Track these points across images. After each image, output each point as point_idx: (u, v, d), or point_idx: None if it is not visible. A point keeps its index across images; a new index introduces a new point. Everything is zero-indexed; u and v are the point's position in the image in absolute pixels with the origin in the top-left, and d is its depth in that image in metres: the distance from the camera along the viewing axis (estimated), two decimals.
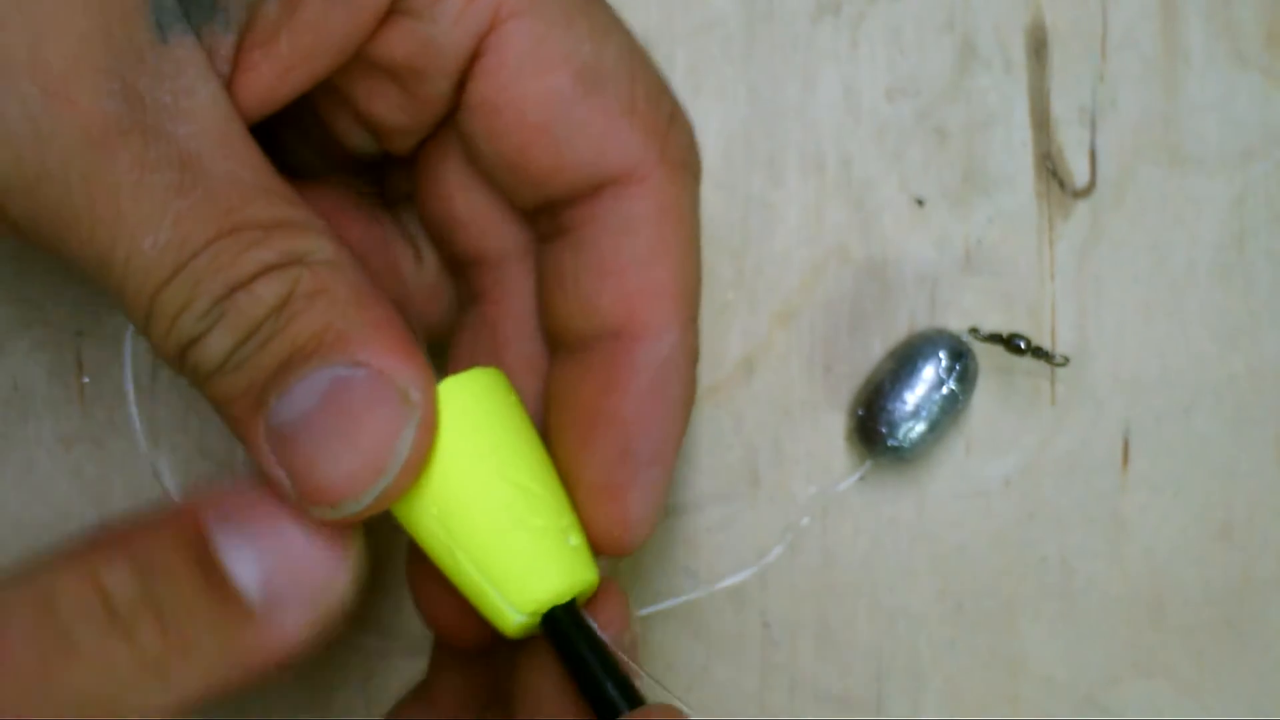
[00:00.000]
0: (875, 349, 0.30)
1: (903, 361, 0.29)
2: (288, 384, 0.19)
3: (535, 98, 0.21)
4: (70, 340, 0.29)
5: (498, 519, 0.21)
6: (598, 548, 0.23)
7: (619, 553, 0.23)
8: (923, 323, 0.30)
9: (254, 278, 0.19)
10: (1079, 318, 0.30)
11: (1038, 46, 0.29)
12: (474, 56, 0.21)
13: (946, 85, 0.29)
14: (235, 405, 0.20)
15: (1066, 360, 0.29)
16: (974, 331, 0.29)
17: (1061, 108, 0.29)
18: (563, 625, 0.22)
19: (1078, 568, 0.31)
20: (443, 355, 0.26)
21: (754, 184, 0.29)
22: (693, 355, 0.22)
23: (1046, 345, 0.30)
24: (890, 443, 0.29)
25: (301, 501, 0.20)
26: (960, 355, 0.28)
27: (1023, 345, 0.29)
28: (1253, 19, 0.29)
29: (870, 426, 0.29)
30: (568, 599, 0.22)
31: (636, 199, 0.21)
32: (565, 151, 0.21)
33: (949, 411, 0.29)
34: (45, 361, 0.29)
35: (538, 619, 0.22)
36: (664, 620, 0.30)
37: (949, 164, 0.29)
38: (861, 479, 0.30)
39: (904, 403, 0.28)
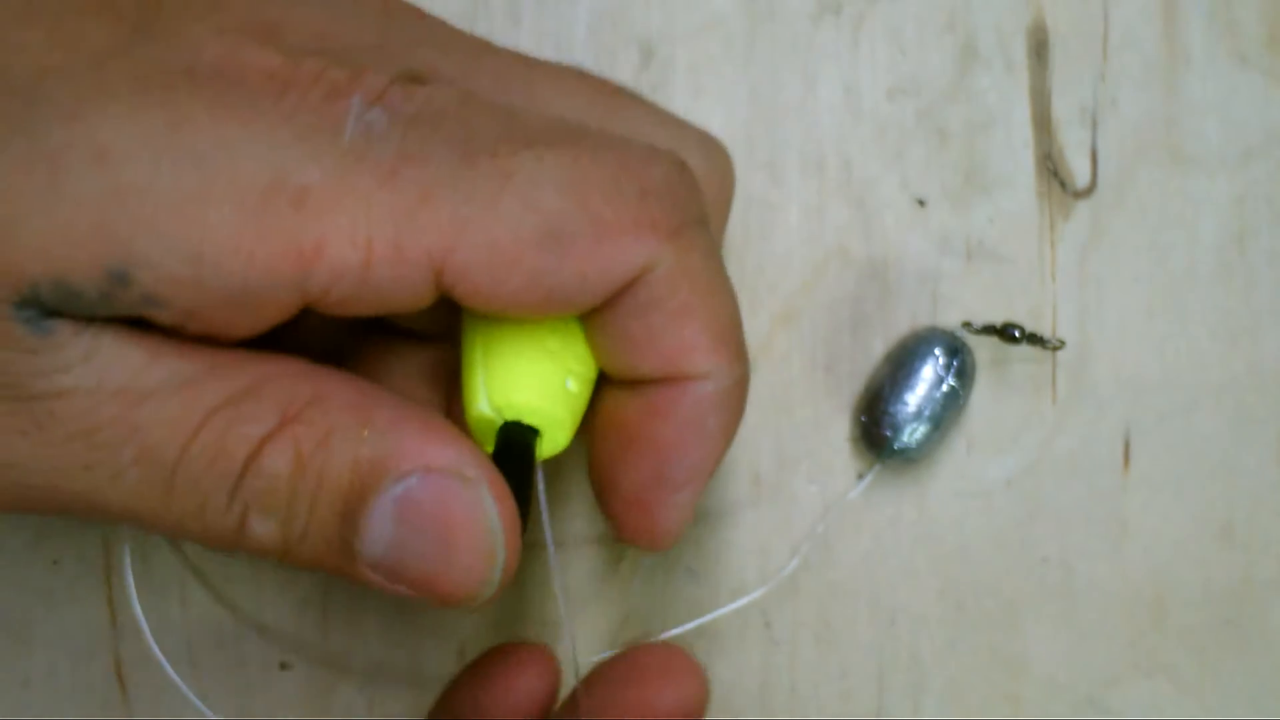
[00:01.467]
0: (876, 349, 0.30)
1: (900, 363, 0.29)
2: (358, 530, 0.20)
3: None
4: None
5: (522, 323, 0.22)
6: (629, 541, 0.24)
7: (648, 550, 0.24)
8: (924, 322, 0.30)
9: (252, 458, 0.20)
10: (1080, 318, 0.30)
11: (1039, 47, 0.29)
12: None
13: (947, 85, 0.29)
14: (325, 565, 0.21)
15: (1063, 343, 0.29)
16: (968, 325, 0.29)
17: (1062, 108, 0.29)
18: (509, 443, 0.22)
19: (1078, 568, 0.31)
20: None
21: (755, 184, 0.29)
22: (736, 389, 0.22)
23: (1053, 358, 0.30)
24: (896, 446, 0.29)
25: (440, 604, 0.21)
26: (957, 351, 0.28)
27: (1017, 334, 0.28)
28: (1254, 19, 0.29)
29: (874, 431, 0.29)
30: (532, 423, 0.22)
31: (655, 283, 0.21)
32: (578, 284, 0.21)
33: (950, 409, 0.29)
34: None
35: (496, 424, 0.22)
36: (664, 619, 0.30)
37: (950, 164, 0.29)
38: (861, 478, 0.30)
39: (905, 404, 0.28)
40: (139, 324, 0.20)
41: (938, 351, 0.28)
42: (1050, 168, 0.30)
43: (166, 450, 0.20)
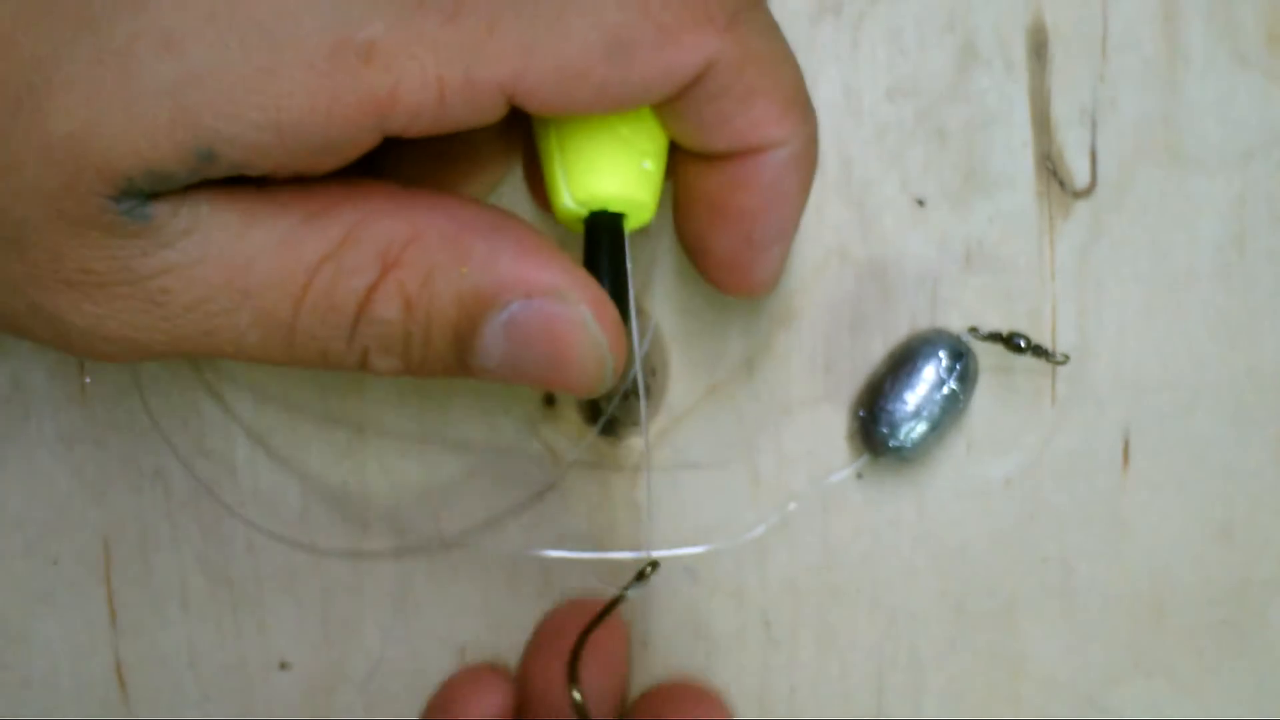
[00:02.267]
0: (876, 349, 0.30)
1: (902, 362, 0.29)
2: (473, 350, 0.22)
3: None
4: None
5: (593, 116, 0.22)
6: (730, 294, 0.25)
7: (749, 296, 0.26)
8: (924, 323, 0.30)
9: (363, 308, 0.21)
10: (1079, 318, 0.30)
11: (1038, 47, 0.29)
12: None
13: (947, 86, 0.29)
14: (450, 374, 0.22)
15: (1066, 358, 0.29)
16: (974, 331, 0.29)
17: (1062, 108, 0.29)
18: (598, 230, 0.23)
19: (1078, 568, 0.31)
20: None
21: None
22: (808, 146, 0.24)
23: (1046, 344, 0.30)
24: (892, 443, 0.29)
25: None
26: (960, 355, 0.28)
27: (1022, 344, 0.29)
28: (1253, 19, 0.29)
29: (871, 428, 0.29)
30: (616, 209, 0.23)
31: (720, 73, 0.22)
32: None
33: (950, 411, 0.29)
34: (47, 361, 0.29)
35: (582, 215, 0.23)
36: (664, 619, 0.30)
37: (949, 164, 0.29)
38: (861, 478, 0.30)
39: (904, 403, 0.28)
40: (232, 183, 0.20)
41: (941, 354, 0.28)
42: (1050, 168, 0.30)
43: (280, 310, 0.21)
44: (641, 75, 0.21)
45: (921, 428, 0.28)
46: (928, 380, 0.28)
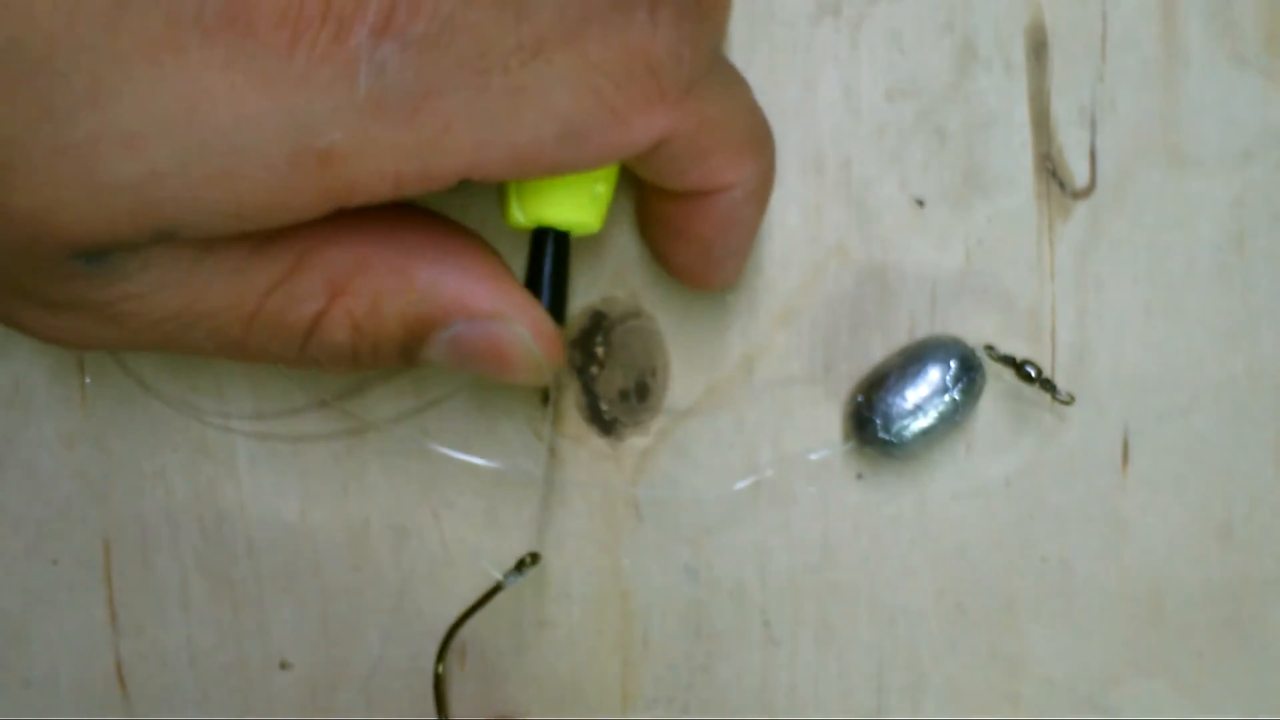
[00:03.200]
0: (875, 349, 0.30)
1: (912, 359, 0.29)
2: (419, 356, 0.23)
3: None
4: None
5: None
6: (690, 288, 0.28)
7: (710, 291, 0.28)
8: (923, 323, 0.30)
9: (311, 331, 0.23)
10: (1079, 318, 0.30)
11: (1037, 47, 0.29)
12: None
13: (946, 86, 0.29)
14: (399, 368, 0.25)
15: (1072, 399, 0.29)
16: (989, 349, 0.29)
17: (1061, 108, 0.29)
18: (544, 244, 0.25)
19: (1077, 567, 0.31)
20: None
21: None
22: (764, 187, 0.25)
23: (1051, 358, 0.30)
24: (881, 434, 0.29)
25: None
26: (970, 369, 0.28)
27: (1032, 374, 0.29)
28: (1252, 20, 0.29)
29: (865, 415, 0.29)
30: (563, 229, 0.25)
31: (675, 140, 0.23)
32: None
33: (948, 419, 0.29)
34: (47, 362, 0.29)
35: (533, 226, 0.25)
36: (664, 619, 0.30)
37: (949, 165, 0.29)
38: (860, 478, 0.30)
39: (904, 399, 0.29)
40: None
41: (952, 362, 0.28)
42: (1049, 168, 0.30)
43: (232, 330, 0.22)
44: (594, 155, 0.22)
45: (915, 427, 0.28)
46: (932, 383, 0.28)
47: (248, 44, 0.19)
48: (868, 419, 0.29)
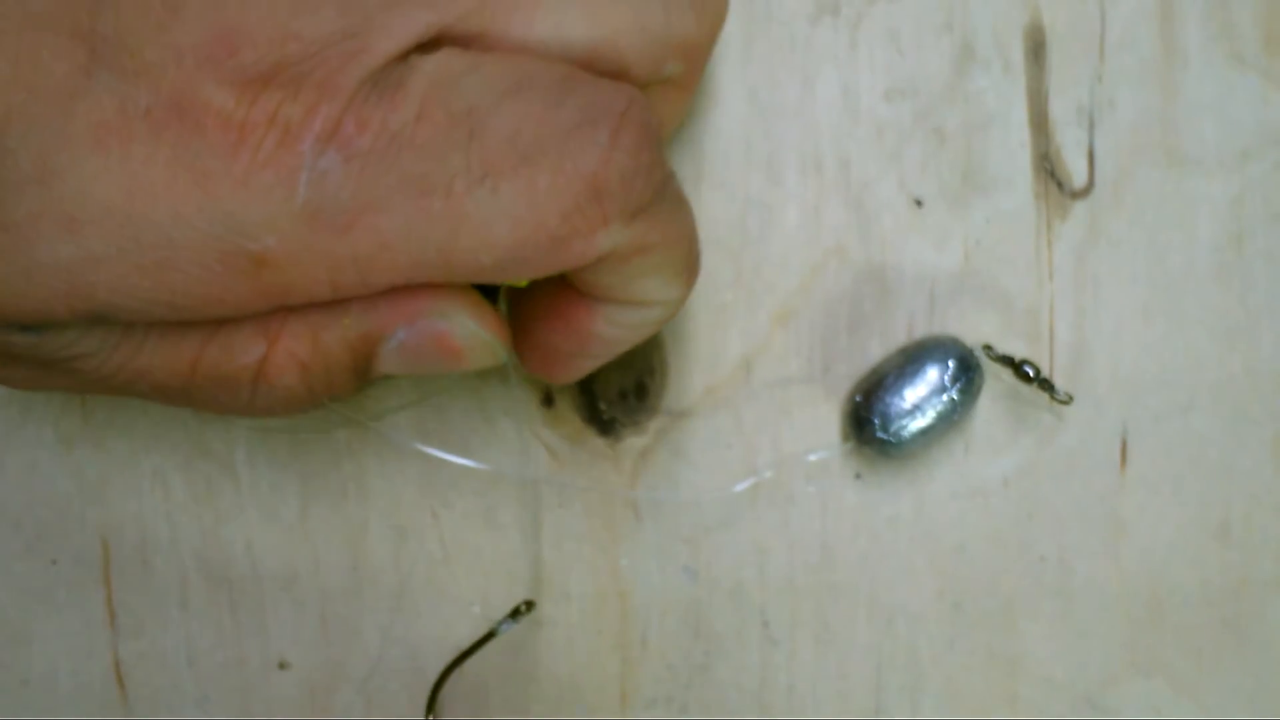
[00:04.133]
0: (874, 349, 0.30)
1: (911, 359, 0.29)
2: (372, 371, 0.23)
3: None
4: None
5: None
6: (525, 368, 0.26)
7: (544, 379, 0.27)
8: (922, 323, 0.30)
9: (256, 379, 0.22)
10: (1077, 318, 0.30)
11: (1036, 47, 0.29)
12: None
13: (945, 86, 0.29)
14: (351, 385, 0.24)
15: (1070, 399, 0.29)
16: (988, 349, 0.29)
17: (1060, 108, 0.29)
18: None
19: (1076, 567, 0.31)
20: None
21: (752, 184, 0.29)
22: (674, 313, 0.24)
23: (1050, 358, 0.30)
24: (879, 434, 0.29)
25: None
26: (969, 369, 0.28)
27: (1030, 374, 0.29)
28: (1251, 20, 0.29)
29: (863, 415, 0.29)
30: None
31: (614, 257, 0.23)
32: None
33: (946, 418, 0.29)
34: None
35: None
36: (662, 619, 0.31)
37: (947, 165, 0.29)
38: (859, 478, 0.30)
39: (902, 399, 0.29)
40: None
41: (951, 362, 0.28)
42: (1047, 168, 0.30)
43: (173, 384, 0.22)
44: (530, 273, 0.21)
45: (914, 427, 0.28)
46: (930, 383, 0.28)
47: (194, 141, 0.19)
48: (866, 419, 0.29)
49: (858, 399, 0.29)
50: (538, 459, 0.30)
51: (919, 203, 0.30)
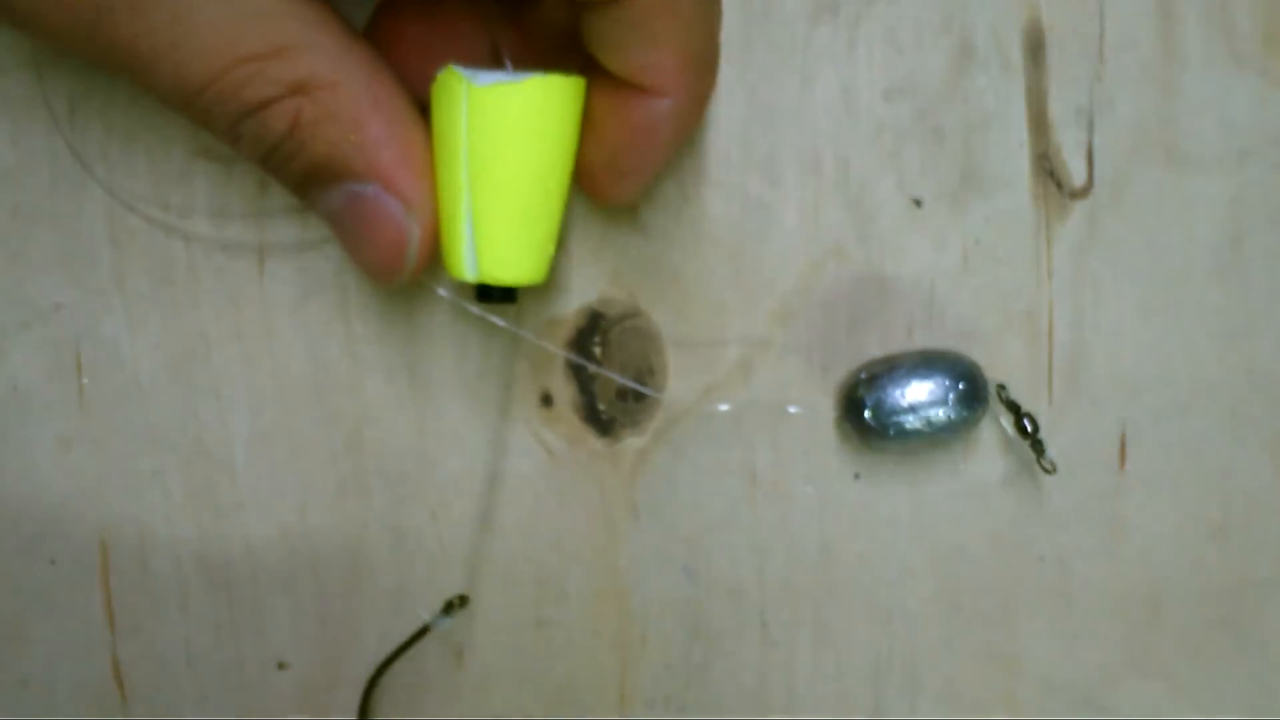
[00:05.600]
0: (873, 349, 0.30)
1: (926, 362, 0.29)
2: (317, 189, 0.25)
3: None
4: (70, 341, 0.29)
5: (515, 191, 0.24)
6: (588, 195, 0.28)
7: (603, 205, 0.29)
8: (921, 323, 0.30)
9: (258, 109, 0.23)
10: (1076, 318, 0.30)
11: (1035, 47, 0.29)
12: None
13: (944, 86, 0.29)
14: (287, 187, 0.25)
15: (1054, 468, 0.30)
16: (1001, 388, 0.29)
17: (1059, 108, 0.29)
18: (490, 297, 0.26)
19: (1075, 567, 0.31)
20: None
21: (751, 184, 0.29)
22: (691, 106, 0.25)
23: (1049, 358, 0.30)
24: (866, 416, 0.28)
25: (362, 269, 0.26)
26: (975, 396, 0.28)
27: (1029, 428, 0.29)
28: (1250, 20, 0.29)
29: (859, 395, 0.29)
30: (512, 286, 0.25)
31: (636, 7, 0.24)
32: None
33: (935, 430, 0.29)
34: (45, 362, 0.29)
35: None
36: (661, 619, 0.31)
37: (946, 164, 0.29)
38: (859, 478, 0.30)
39: (902, 395, 0.28)
40: None
41: (961, 383, 0.28)
42: (1046, 168, 0.30)
43: (194, 78, 0.23)
44: None
45: (901, 424, 0.28)
46: (933, 394, 0.28)
47: None
48: (859, 400, 0.29)
49: (863, 375, 0.29)
50: (538, 459, 0.30)
51: (918, 202, 0.30)
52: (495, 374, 0.30)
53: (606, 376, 0.30)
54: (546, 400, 0.30)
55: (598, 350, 0.30)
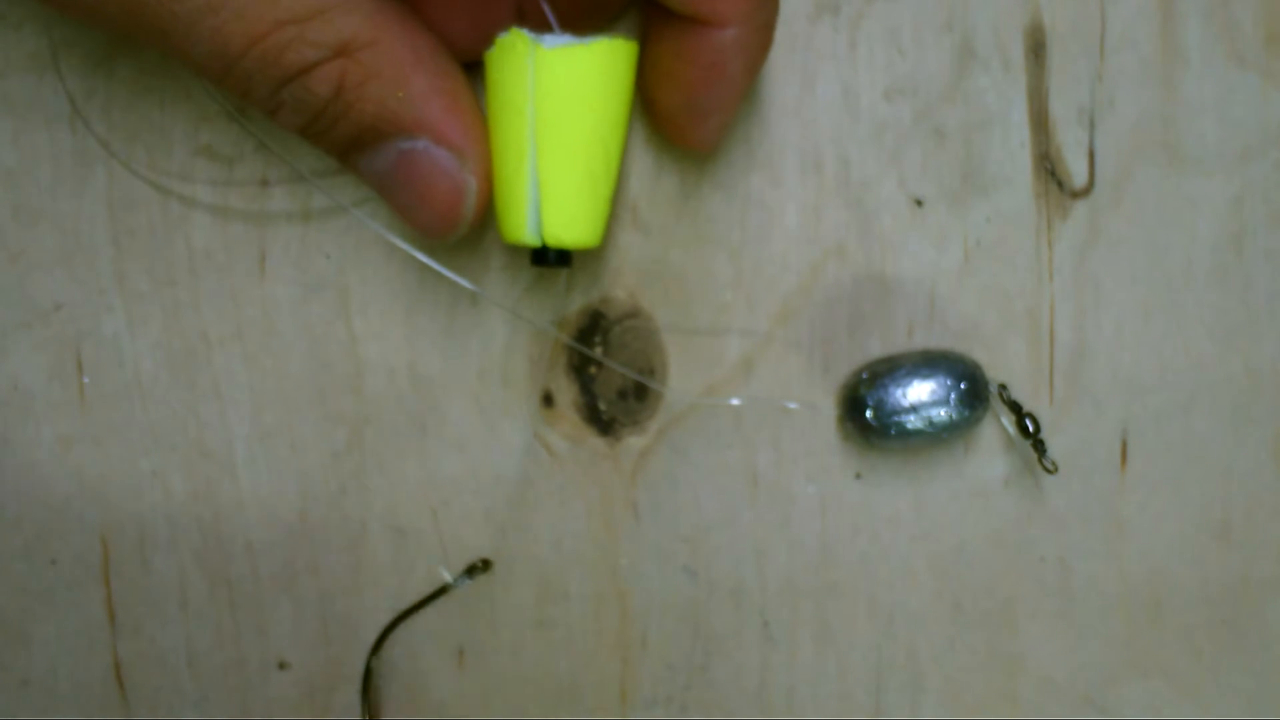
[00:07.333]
0: (874, 348, 0.30)
1: (928, 363, 0.29)
2: (364, 152, 0.24)
3: None
4: (70, 341, 0.29)
5: (581, 153, 0.24)
6: (671, 141, 0.28)
7: (690, 149, 0.28)
8: (922, 323, 0.30)
9: (301, 73, 0.23)
10: (1077, 318, 0.30)
11: (1036, 47, 0.29)
12: None
13: (945, 85, 0.29)
14: (331, 154, 0.25)
15: (1056, 468, 0.29)
16: (1003, 388, 0.29)
17: (1060, 108, 0.29)
18: (547, 260, 0.25)
19: (1076, 567, 0.31)
20: None
21: (753, 184, 0.29)
22: (758, 34, 0.25)
23: (1050, 358, 0.30)
24: (867, 416, 0.28)
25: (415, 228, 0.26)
26: (977, 396, 0.28)
27: (1030, 429, 0.29)
28: (1251, 20, 0.29)
29: (860, 394, 0.29)
30: (570, 249, 0.25)
31: None
32: None
33: (936, 430, 0.29)
34: (45, 362, 0.29)
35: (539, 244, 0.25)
36: (664, 619, 0.30)
37: (947, 164, 0.29)
38: (860, 478, 0.30)
39: (904, 395, 0.28)
40: None
41: (963, 383, 0.28)
42: (1048, 168, 0.30)
43: (233, 42, 0.23)
44: None
45: (902, 424, 0.28)
46: (934, 394, 0.28)
47: None
48: (861, 398, 0.29)
49: (864, 375, 0.29)
50: (538, 459, 0.30)
51: (919, 202, 0.30)
52: (496, 374, 0.30)
53: (607, 377, 0.30)
54: (548, 400, 0.30)
55: (599, 350, 0.30)
